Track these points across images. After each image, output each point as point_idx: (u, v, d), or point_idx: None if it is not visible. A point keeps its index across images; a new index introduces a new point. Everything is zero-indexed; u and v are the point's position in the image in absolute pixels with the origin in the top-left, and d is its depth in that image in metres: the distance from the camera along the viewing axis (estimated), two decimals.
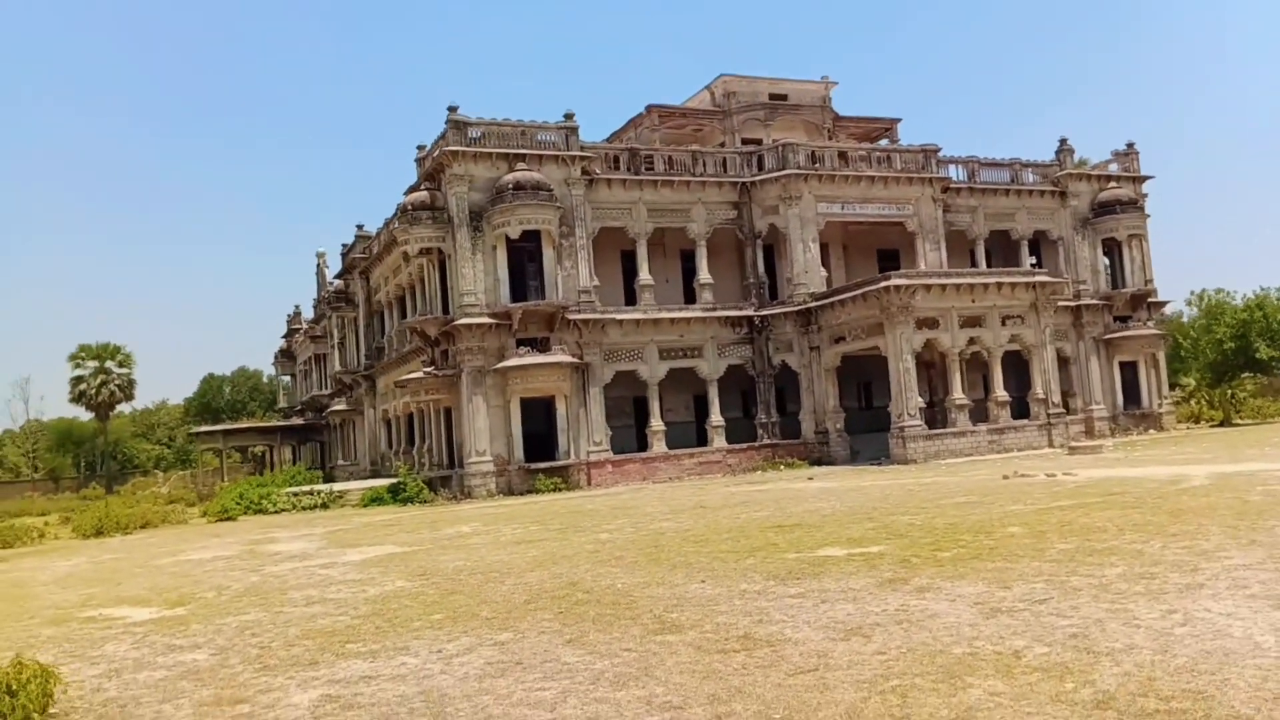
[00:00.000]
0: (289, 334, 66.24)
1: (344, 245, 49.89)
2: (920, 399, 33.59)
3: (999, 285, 34.46)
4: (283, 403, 71.30)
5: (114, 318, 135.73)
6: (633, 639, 8.02)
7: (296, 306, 65.39)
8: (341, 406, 49.83)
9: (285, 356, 68.24)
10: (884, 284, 32.47)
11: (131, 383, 67.65)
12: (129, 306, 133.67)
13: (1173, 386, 52.17)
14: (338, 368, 50.15)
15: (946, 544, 12.01)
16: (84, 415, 73.24)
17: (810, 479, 28.51)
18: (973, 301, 33.94)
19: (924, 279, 33.62)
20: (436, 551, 16.34)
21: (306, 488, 36.31)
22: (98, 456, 75.13)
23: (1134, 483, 18.33)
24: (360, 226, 46.40)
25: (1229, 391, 46.23)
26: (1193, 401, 48.80)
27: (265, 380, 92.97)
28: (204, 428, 64.59)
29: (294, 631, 9.68)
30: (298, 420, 61.92)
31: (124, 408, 77.27)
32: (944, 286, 33.35)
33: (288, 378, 70.26)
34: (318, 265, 56.14)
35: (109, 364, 66.18)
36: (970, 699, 5.65)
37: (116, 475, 70.32)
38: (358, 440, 49.17)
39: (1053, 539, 11.73)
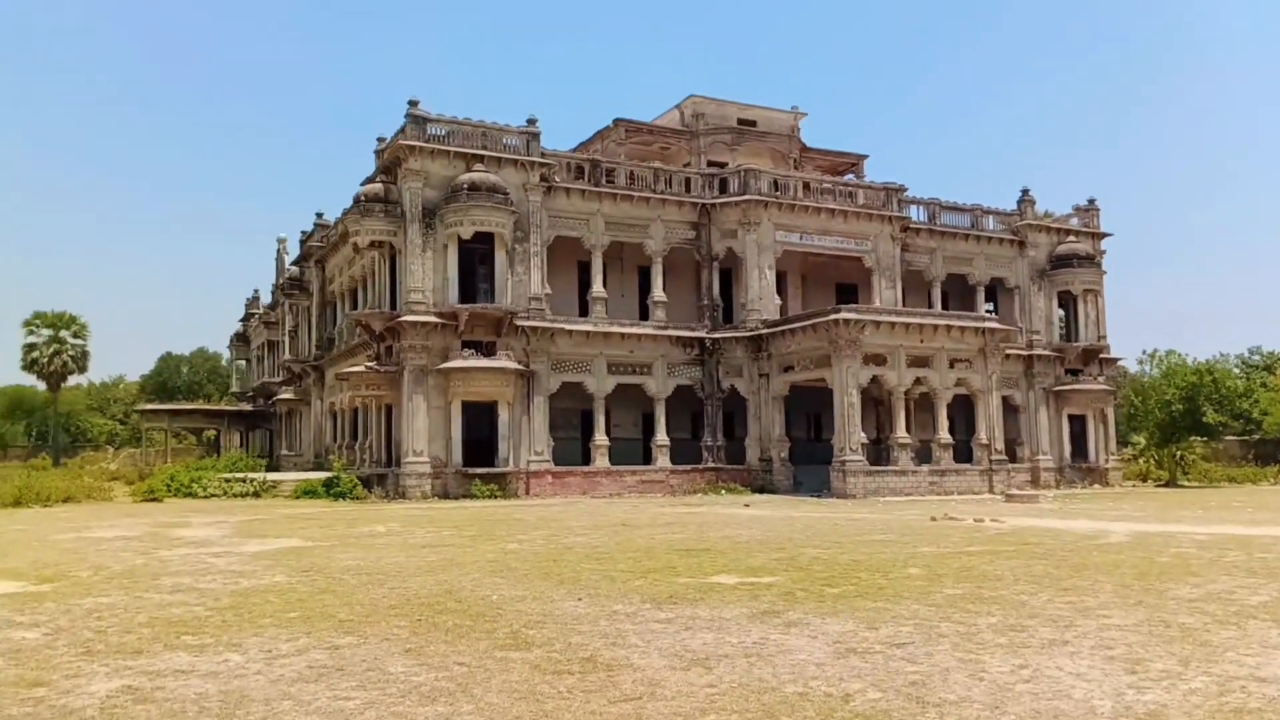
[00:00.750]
0: (246, 318, 65.46)
1: (303, 232, 49.30)
2: (865, 435, 33.54)
3: (948, 328, 34.51)
4: (235, 387, 70.39)
5: (72, 287, 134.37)
6: (475, 653, 7.71)
7: (256, 291, 64.71)
8: (289, 395, 49.21)
9: (241, 340, 67.44)
10: (834, 316, 32.49)
11: (86, 354, 66.55)
12: (89, 277, 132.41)
13: (1125, 444, 52.39)
14: (288, 356, 49.56)
15: (840, 580, 11.79)
16: (37, 384, 72.04)
17: (747, 505, 28.30)
18: (921, 341, 33.95)
19: (874, 315, 33.66)
20: (338, 549, 15.96)
21: (241, 475, 35.78)
22: (49, 427, 73.79)
23: (1053, 534, 18.20)
24: (320, 215, 45.83)
25: (1176, 452, 46.43)
26: (1141, 460, 49.01)
27: (224, 363, 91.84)
28: (151, 406, 63.56)
29: (140, 618, 9.29)
30: (246, 406, 61.08)
31: (78, 380, 76.13)
32: (893, 324, 33.37)
33: (243, 362, 69.43)
34: (278, 251, 55.52)
35: (64, 333, 65.06)
36: None
37: (67, 447, 69.11)
38: (303, 431, 48.53)
39: (946, 583, 11.52)
